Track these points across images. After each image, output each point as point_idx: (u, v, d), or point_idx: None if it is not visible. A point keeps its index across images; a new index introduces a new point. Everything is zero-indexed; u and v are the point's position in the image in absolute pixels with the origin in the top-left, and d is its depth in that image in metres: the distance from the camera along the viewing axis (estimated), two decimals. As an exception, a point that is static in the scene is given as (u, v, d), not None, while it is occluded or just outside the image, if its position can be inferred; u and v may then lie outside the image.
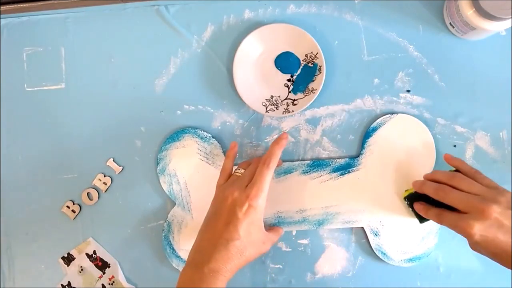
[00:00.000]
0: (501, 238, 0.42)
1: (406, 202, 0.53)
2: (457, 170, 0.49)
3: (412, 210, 0.52)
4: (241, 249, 0.47)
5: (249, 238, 0.47)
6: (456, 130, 0.55)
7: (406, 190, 0.53)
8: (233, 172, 0.53)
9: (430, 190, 0.48)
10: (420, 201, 0.50)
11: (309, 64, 0.56)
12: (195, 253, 0.48)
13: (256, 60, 0.57)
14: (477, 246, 0.44)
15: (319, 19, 0.57)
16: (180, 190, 0.57)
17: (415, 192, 0.51)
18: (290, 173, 0.56)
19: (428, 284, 0.55)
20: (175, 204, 0.57)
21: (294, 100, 0.56)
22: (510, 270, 0.53)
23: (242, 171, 0.51)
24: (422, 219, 0.51)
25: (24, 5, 0.59)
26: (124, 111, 0.58)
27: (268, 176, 0.48)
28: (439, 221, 0.47)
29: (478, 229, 0.42)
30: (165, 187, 0.57)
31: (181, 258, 0.56)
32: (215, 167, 0.56)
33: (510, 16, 0.47)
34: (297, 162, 0.56)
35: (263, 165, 0.49)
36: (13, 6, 0.59)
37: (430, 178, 0.49)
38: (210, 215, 0.50)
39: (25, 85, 0.59)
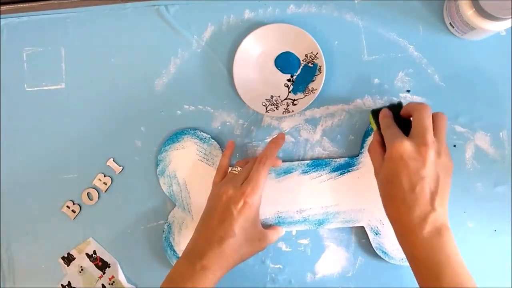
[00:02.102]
0: (408, 172, 0.42)
1: (393, 103, 0.51)
2: None
3: (381, 107, 0.51)
4: (235, 247, 0.47)
5: (244, 235, 0.47)
6: (456, 130, 0.55)
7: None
8: (229, 170, 0.53)
9: (413, 103, 0.47)
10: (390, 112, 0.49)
11: (309, 64, 0.56)
12: (190, 249, 0.48)
13: (256, 60, 0.57)
14: (386, 163, 0.44)
15: (319, 19, 0.57)
16: (180, 191, 0.57)
17: (399, 109, 0.50)
18: (290, 173, 0.56)
19: (428, 284, 0.55)
20: (175, 204, 0.57)
21: (294, 100, 0.56)
22: (510, 270, 0.53)
23: (239, 169, 0.52)
24: (374, 115, 0.50)
25: (24, 5, 0.59)
26: (124, 111, 0.58)
27: (263, 174, 0.48)
28: (385, 129, 0.47)
29: (405, 149, 0.42)
30: (165, 188, 0.57)
31: (181, 258, 0.56)
32: (214, 168, 0.56)
33: (510, 16, 0.47)
34: (297, 162, 0.56)
35: (259, 163, 0.49)
36: (13, 6, 0.59)
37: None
38: (206, 212, 0.50)
39: (25, 85, 0.59)
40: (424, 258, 0.41)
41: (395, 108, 0.50)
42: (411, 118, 0.47)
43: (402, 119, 0.49)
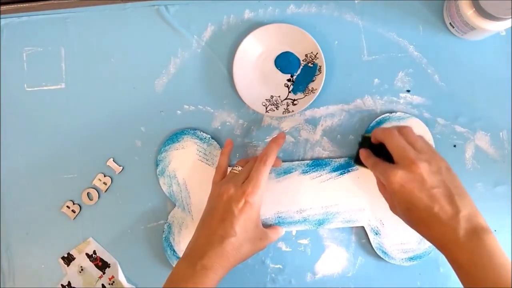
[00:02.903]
0: (416, 193, 0.42)
1: (359, 140, 0.53)
2: None
3: (356, 151, 0.52)
4: (236, 246, 0.47)
5: (245, 235, 0.47)
6: (456, 130, 0.55)
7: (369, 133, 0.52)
8: (230, 170, 0.53)
9: (378, 131, 0.48)
10: (367, 149, 0.50)
11: (309, 64, 0.56)
12: (191, 249, 0.48)
13: (256, 60, 0.57)
14: (395, 197, 0.44)
15: (319, 19, 0.57)
16: (180, 191, 0.57)
17: (370, 143, 0.50)
18: (290, 173, 0.56)
19: (428, 284, 0.55)
20: (175, 204, 0.57)
21: (294, 100, 0.56)
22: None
23: (240, 168, 0.51)
24: (357, 162, 0.52)
25: (24, 5, 0.59)
26: (124, 111, 0.58)
27: (265, 173, 0.48)
28: (373, 169, 0.48)
29: (400, 177, 0.43)
30: (165, 188, 0.57)
31: (181, 258, 0.56)
32: (214, 168, 0.56)
33: (510, 16, 0.47)
34: (297, 162, 0.56)
35: (260, 162, 0.49)
36: (13, 6, 0.59)
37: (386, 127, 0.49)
38: (206, 212, 0.50)
39: (25, 85, 0.59)
40: (466, 263, 0.40)
41: (366, 142, 0.51)
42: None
43: (377, 145, 0.49)
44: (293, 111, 0.55)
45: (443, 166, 0.44)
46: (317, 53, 0.55)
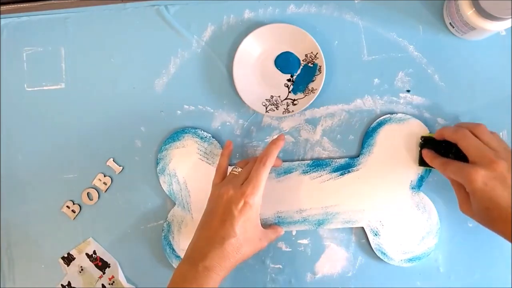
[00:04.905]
0: (498, 192, 0.43)
1: (421, 141, 0.54)
2: None
3: (419, 153, 0.53)
4: (237, 246, 0.47)
5: (245, 235, 0.47)
6: (456, 130, 0.55)
7: (429, 133, 0.54)
8: (230, 171, 0.53)
9: (449, 131, 0.49)
10: (430, 150, 0.52)
11: (309, 64, 0.56)
12: (192, 250, 0.48)
13: (256, 60, 0.57)
14: (475, 195, 0.44)
15: (319, 19, 0.57)
16: (180, 190, 0.57)
17: (432, 140, 0.52)
18: (290, 173, 0.56)
19: (428, 284, 0.55)
20: (175, 204, 0.57)
21: (294, 100, 0.56)
22: (510, 270, 0.53)
23: (239, 169, 0.52)
24: (422, 163, 0.53)
25: (24, 5, 0.59)
26: (124, 111, 0.58)
27: (264, 174, 0.48)
28: (443, 169, 0.48)
29: (483, 175, 0.43)
30: (165, 187, 0.57)
31: (181, 258, 0.56)
32: (215, 167, 0.56)
33: (510, 16, 0.47)
34: (297, 162, 0.56)
35: (259, 163, 0.49)
36: (13, 6, 0.59)
37: (455, 125, 0.50)
38: (206, 213, 0.50)
39: (25, 85, 0.59)
40: None
41: (428, 142, 0.53)
42: (455, 142, 0.48)
43: (439, 145, 0.51)
44: (293, 111, 0.55)
45: None
46: (317, 53, 0.55)
